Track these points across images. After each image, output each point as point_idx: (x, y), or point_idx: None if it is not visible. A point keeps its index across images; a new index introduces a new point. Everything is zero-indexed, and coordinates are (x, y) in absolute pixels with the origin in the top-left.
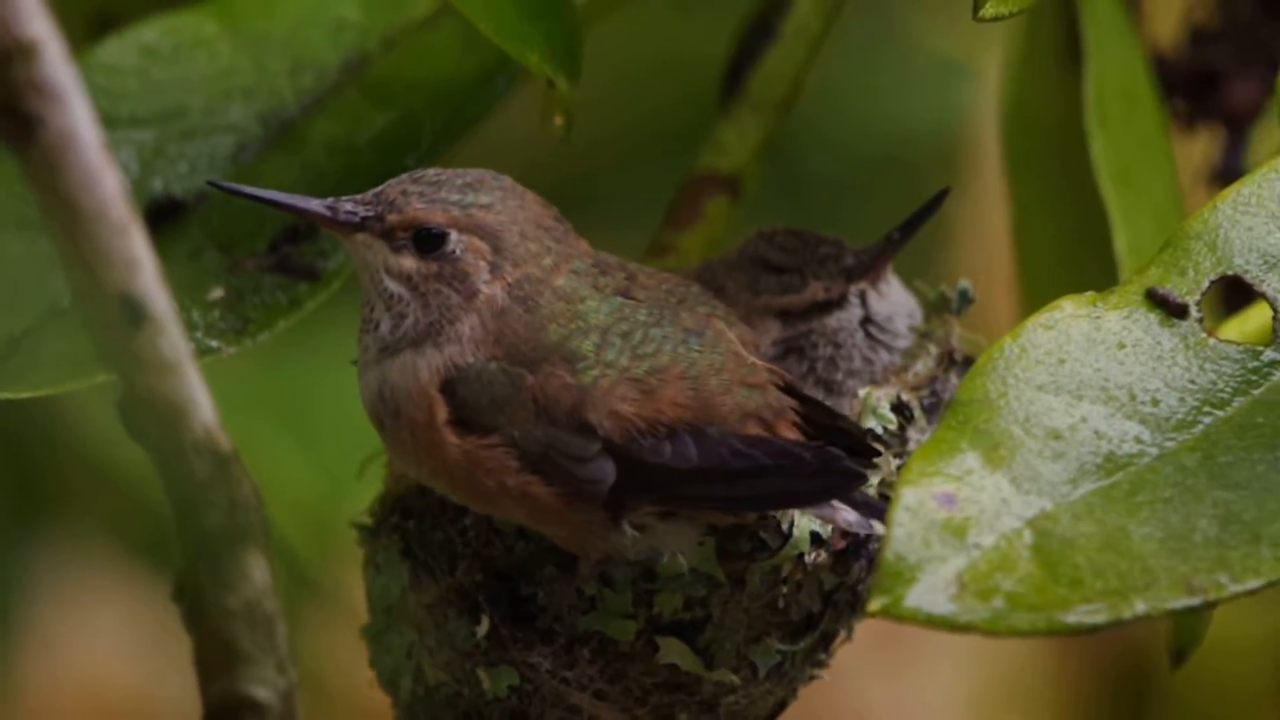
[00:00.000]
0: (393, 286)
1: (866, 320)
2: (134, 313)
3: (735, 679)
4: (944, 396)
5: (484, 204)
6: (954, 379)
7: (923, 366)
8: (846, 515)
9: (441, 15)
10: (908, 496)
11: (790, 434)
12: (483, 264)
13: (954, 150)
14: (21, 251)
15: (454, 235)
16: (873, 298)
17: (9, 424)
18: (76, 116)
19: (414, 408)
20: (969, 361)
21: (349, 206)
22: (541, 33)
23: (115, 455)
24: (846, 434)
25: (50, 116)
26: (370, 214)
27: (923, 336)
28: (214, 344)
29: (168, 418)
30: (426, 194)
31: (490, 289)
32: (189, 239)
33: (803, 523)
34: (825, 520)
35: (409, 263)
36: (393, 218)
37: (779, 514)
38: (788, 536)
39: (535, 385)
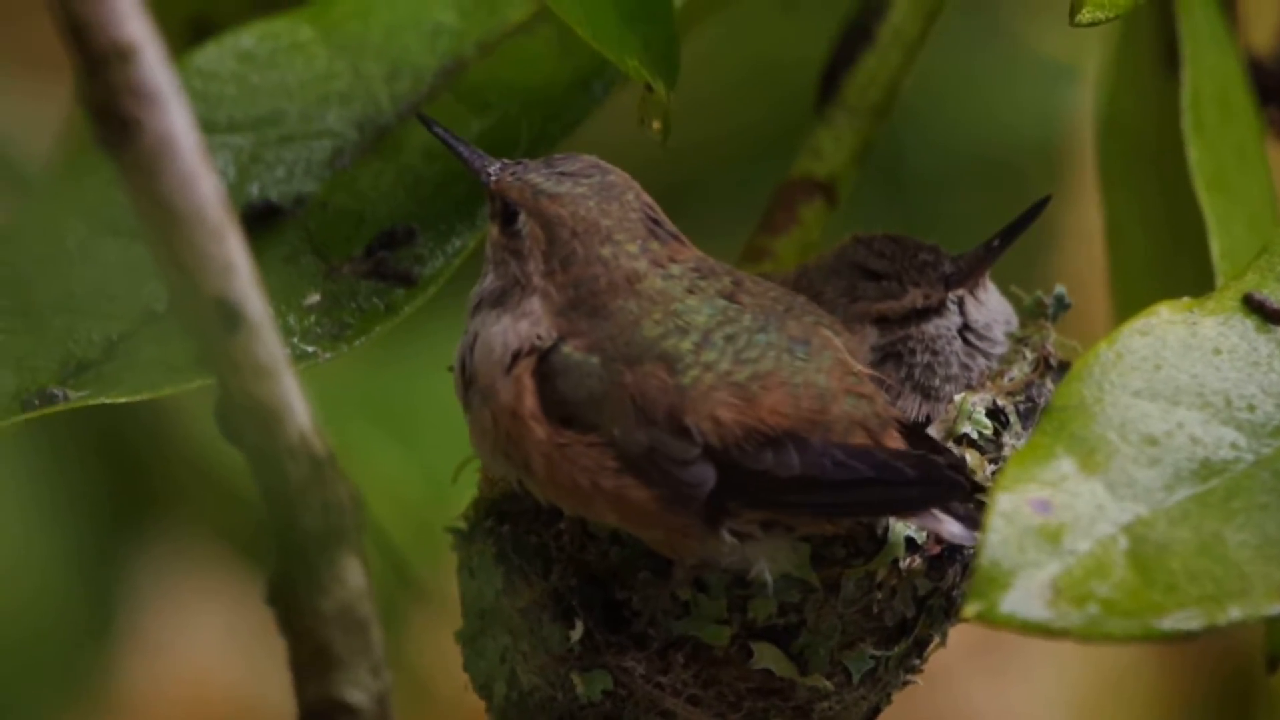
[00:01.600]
0: (489, 248)
1: (965, 328)
2: (230, 317)
3: (829, 684)
4: (1039, 402)
5: (555, 193)
6: (1049, 384)
7: (1018, 372)
8: (950, 526)
9: (538, 20)
10: (1003, 502)
11: (895, 443)
12: (538, 253)
13: (1057, 153)
14: (117, 256)
15: (522, 215)
16: (971, 305)
17: (112, 426)
18: (174, 120)
19: (501, 387)
20: (1065, 367)
21: (493, 168)
22: (640, 37)
23: (218, 457)
24: (948, 459)
25: (148, 120)
26: (493, 177)
27: (1018, 342)
28: (310, 349)
29: (264, 422)
30: (526, 169)
31: (544, 282)
32: (285, 244)
33: (897, 528)
34: (928, 529)
35: (495, 230)
36: (493, 184)
37: (875, 520)
38: (883, 542)
39: (633, 383)
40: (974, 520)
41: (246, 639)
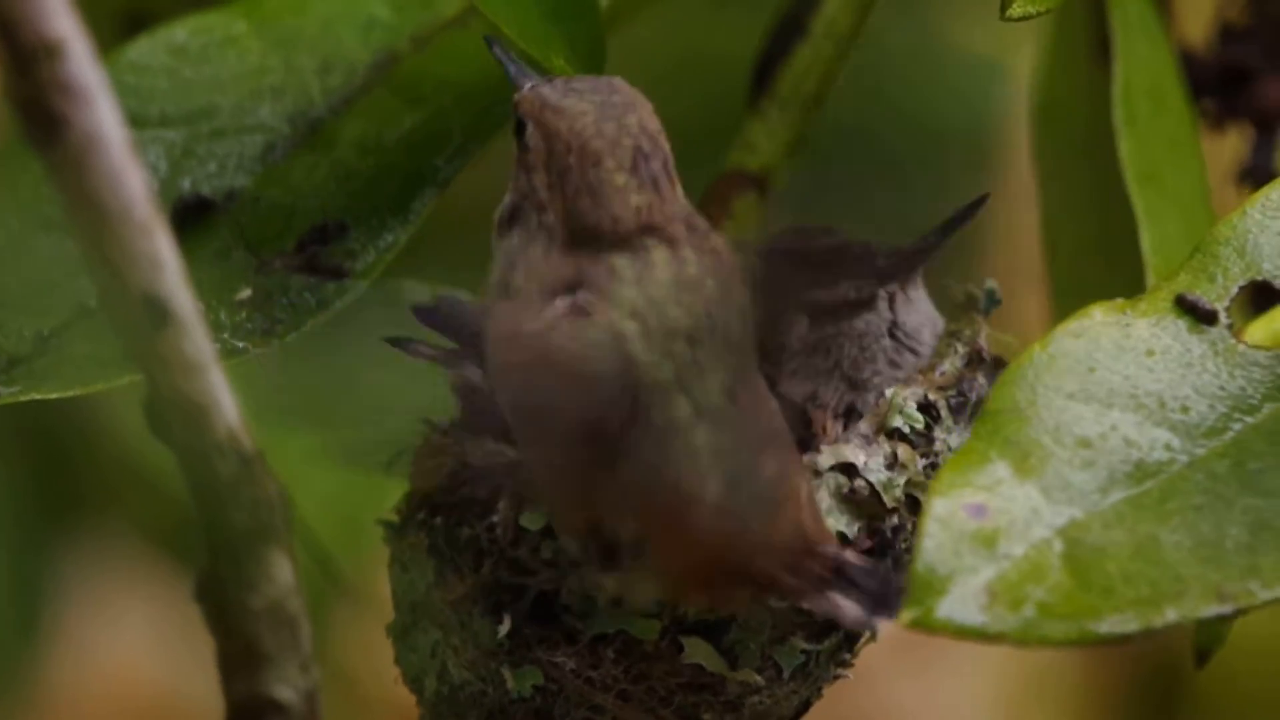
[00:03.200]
0: (512, 168)
1: (894, 326)
2: (158, 313)
3: (759, 679)
4: (971, 397)
5: (558, 106)
6: (981, 379)
7: (950, 366)
8: (847, 608)
9: (471, 14)
10: (938, 507)
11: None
12: (541, 166)
13: (988, 149)
14: (49, 252)
15: (530, 126)
16: (901, 303)
17: (39, 422)
18: (102, 117)
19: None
20: (999, 362)
21: (525, 85)
22: (565, 35)
23: (144, 454)
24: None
25: (76, 117)
26: (520, 94)
27: (951, 336)
28: (241, 344)
29: (192, 418)
30: (544, 84)
31: (549, 197)
32: (217, 239)
33: (829, 522)
34: (823, 614)
35: (515, 146)
36: (516, 98)
37: None
38: None
39: None
40: (875, 598)
41: (172, 637)
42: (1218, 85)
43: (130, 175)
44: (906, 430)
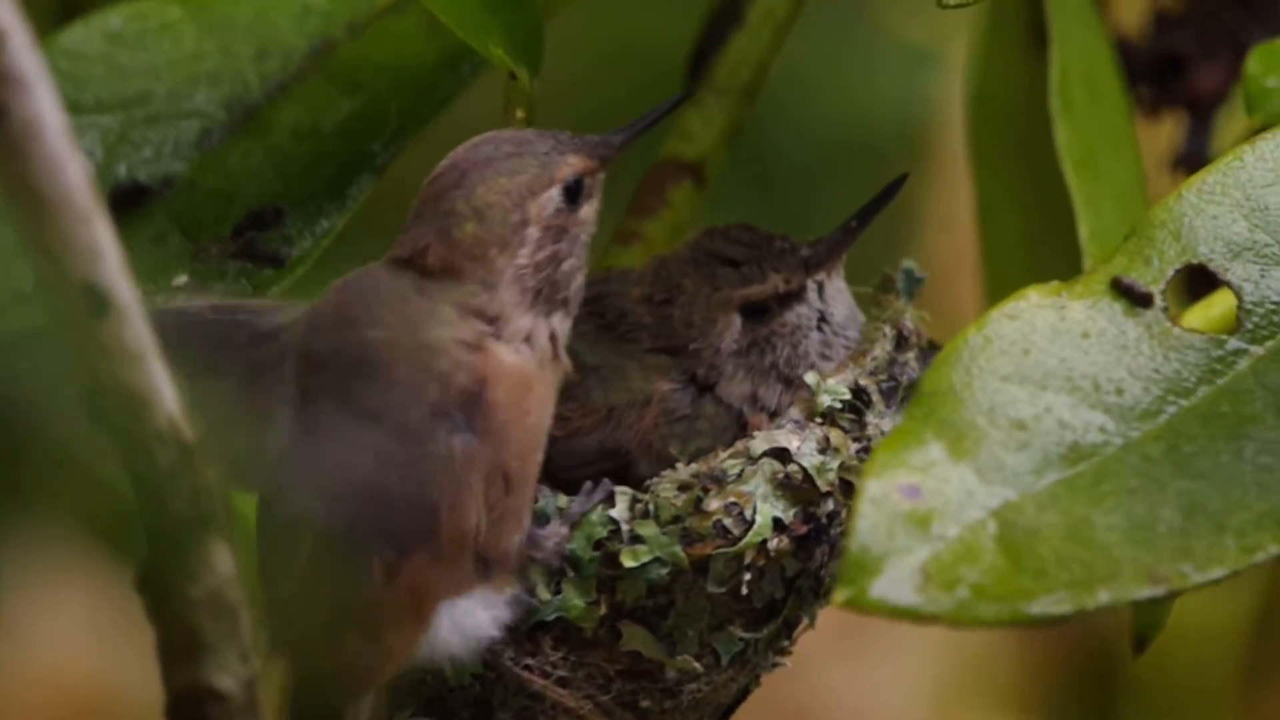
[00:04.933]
0: None
1: (823, 319)
2: (98, 302)
3: (698, 666)
4: (902, 380)
5: None
6: (912, 362)
7: (880, 351)
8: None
9: (407, 1)
10: (872, 488)
11: None
12: None
13: (922, 137)
14: None
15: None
16: (829, 292)
17: None
18: (41, 104)
19: None
20: (935, 347)
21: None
22: (503, 25)
23: (81, 443)
24: None
25: (15, 104)
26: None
27: (879, 320)
28: None
29: (131, 407)
30: None
31: None
32: (153, 225)
33: (764, 508)
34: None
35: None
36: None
37: (741, 501)
38: (750, 523)
39: None
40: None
41: (111, 627)
42: (1153, 73)
43: (70, 163)
44: (839, 406)
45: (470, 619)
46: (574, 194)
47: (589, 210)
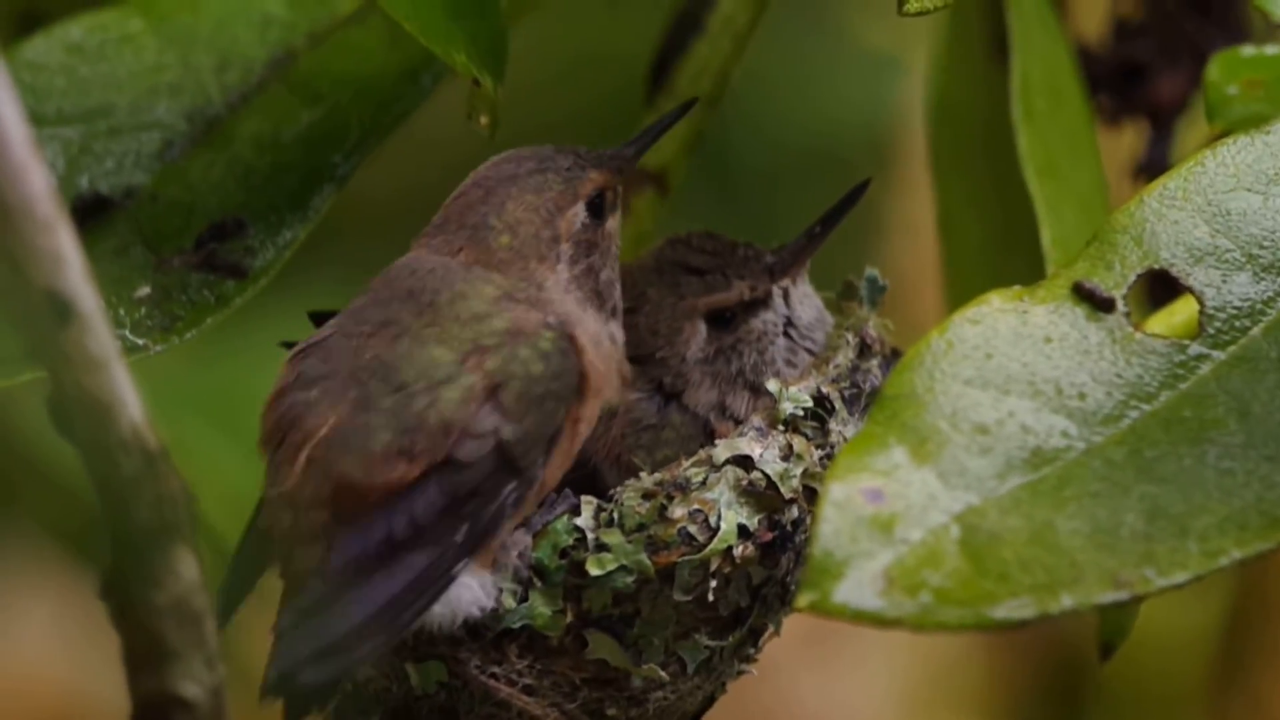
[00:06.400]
0: None
1: (789, 324)
2: (61, 310)
3: (664, 674)
4: (865, 387)
5: None
6: (875, 369)
7: (843, 358)
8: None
9: (368, 11)
10: (835, 492)
11: None
12: None
13: (885, 144)
14: None
15: None
16: (795, 298)
17: None
18: (3, 114)
19: None
20: (895, 352)
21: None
22: (467, 32)
23: (47, 451)
24: None
25: None
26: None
27: (842, 329)
28: (141, 342)
29: (96, 415)
30: None
31: None
32: (116, 236)
33: (729, 515)
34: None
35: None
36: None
37: (705, 509)
38: (715, 530)
39: None
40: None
41: (76, 634)
42: (1113, 81)
43: (32, 172)
44: (801, 421)
45: (456, 594)
46: (598, 209)
47: (613, 223)
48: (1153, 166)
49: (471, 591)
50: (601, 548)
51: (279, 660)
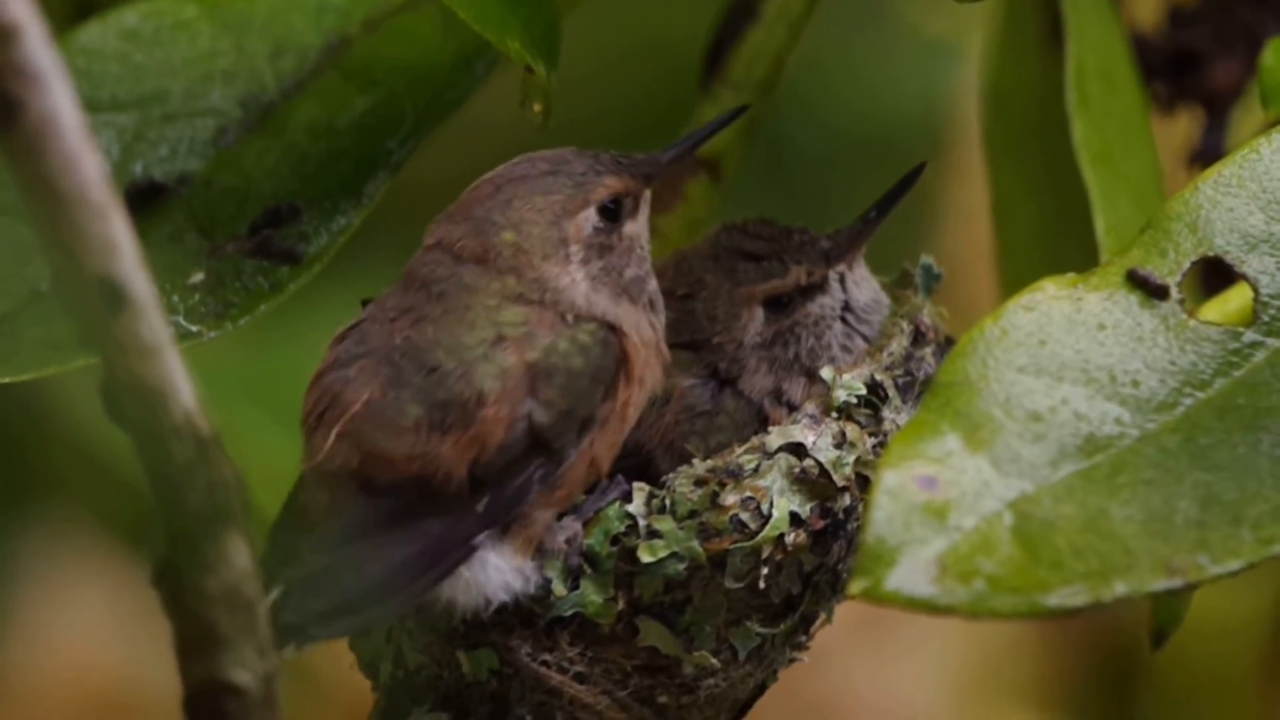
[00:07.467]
0: None
1: (846, 308)
2: (114, 297)
3: (715, 661)
4: (919, 375)
5: None
6: (929, 357)
7: (897, 346)
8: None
9: None
10: (888, 479)
11: None
12: None
13: (940, 131)
14: (3, 235)
15: None
16: (851, 281)
17: None
18: (58, 100)
19: None
20: (949, 340)
21: None
22: (520, 20)
23: (100, 438)
24: None
25: (31, 100)
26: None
27: (897, 316)
28: (194, 328)
29: (148, 402)
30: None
31: None
32: (170, 223)
33: (781, 503)
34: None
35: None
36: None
37: (758, 496)
38: (767, 518)
39: None
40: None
41: (129, 622)
42: (1168, 68)
43: (86, 159)
44: (854, 401)
45: (483, 573)
46: (613, 213)
47: (634, 226)
48: (1207, 154)
49: (503, 575)
50: (653, 534)
51: (287, 611)
